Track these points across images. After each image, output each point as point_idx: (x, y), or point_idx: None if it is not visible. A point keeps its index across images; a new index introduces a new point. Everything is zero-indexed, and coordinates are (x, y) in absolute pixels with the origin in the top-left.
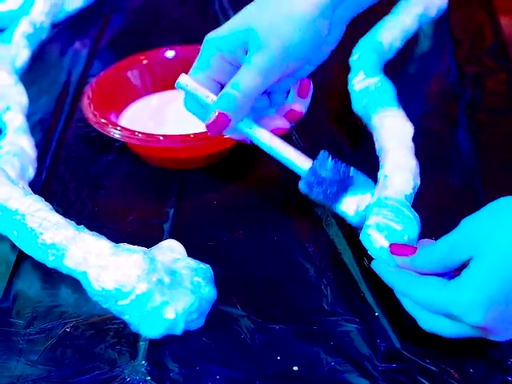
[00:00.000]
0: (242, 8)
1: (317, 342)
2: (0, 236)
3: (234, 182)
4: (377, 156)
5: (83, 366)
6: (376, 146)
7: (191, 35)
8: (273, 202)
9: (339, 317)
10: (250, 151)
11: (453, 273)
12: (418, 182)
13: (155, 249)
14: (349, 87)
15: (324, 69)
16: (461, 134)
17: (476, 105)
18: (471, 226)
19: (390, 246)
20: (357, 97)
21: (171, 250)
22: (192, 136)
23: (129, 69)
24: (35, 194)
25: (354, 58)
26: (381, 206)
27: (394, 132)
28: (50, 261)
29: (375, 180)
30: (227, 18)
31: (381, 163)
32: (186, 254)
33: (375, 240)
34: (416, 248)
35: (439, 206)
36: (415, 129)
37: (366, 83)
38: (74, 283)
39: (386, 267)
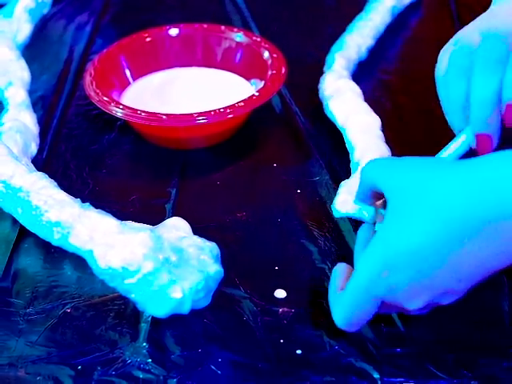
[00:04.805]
0: None
1: (320, 326)
2: (0, 214)
3: (238, 163)
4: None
5: (83, 347)
6: (347, 145)
7: (195, 13)
8: (277, 183)
9: None
10: (253, 131)
11: None
12: None
13: (160, 227)
14: (319, 93)
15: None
16: None
17: None
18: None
19: None
20: (325, 102)
21: (176, 228)
22: (195, 115)
23: (132, 46)
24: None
25: (324, 67)
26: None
27: (360, 127)
28: (55, 239)
29: None
30: None
31: (351, 157)
32: (191, 232)
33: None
34: None
35: None
36: (416, 109)
37: (332, 89)
38: (75, 263)
39: None
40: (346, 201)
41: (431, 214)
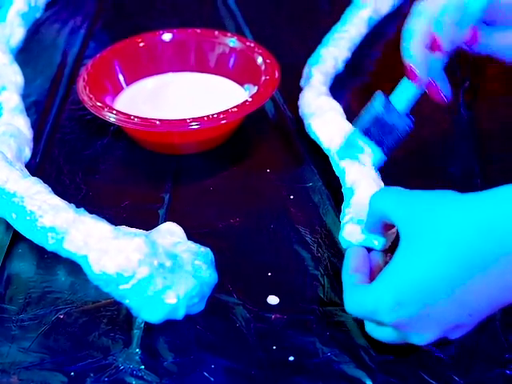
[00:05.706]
0: None
1: (313, 332)
2: None
3: (231, 168)
4: None
5: (76, 353)
6: (334, 168)
7: (188, 18)
8: (270, 188)
9: (336, 307)
10: (247, 137)
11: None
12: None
13: (155, 232)
14: (299, 110)
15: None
16: (459, 121)
17: (476, 91)
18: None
19: None
20: (306, 121)
21: (171, 234)
22: (188, 121)
23: (125, 51)
24: None
25: (301, 82)
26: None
27: None
28: (49, 244)
29: None
30: (224, 1)
31: (342, 182)
32: (185, 238)
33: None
34: None
35: None
36: (413, 116)
37: (313, 107)
38: (68, 268)
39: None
40: (353, 231)
41: (443, 249)
